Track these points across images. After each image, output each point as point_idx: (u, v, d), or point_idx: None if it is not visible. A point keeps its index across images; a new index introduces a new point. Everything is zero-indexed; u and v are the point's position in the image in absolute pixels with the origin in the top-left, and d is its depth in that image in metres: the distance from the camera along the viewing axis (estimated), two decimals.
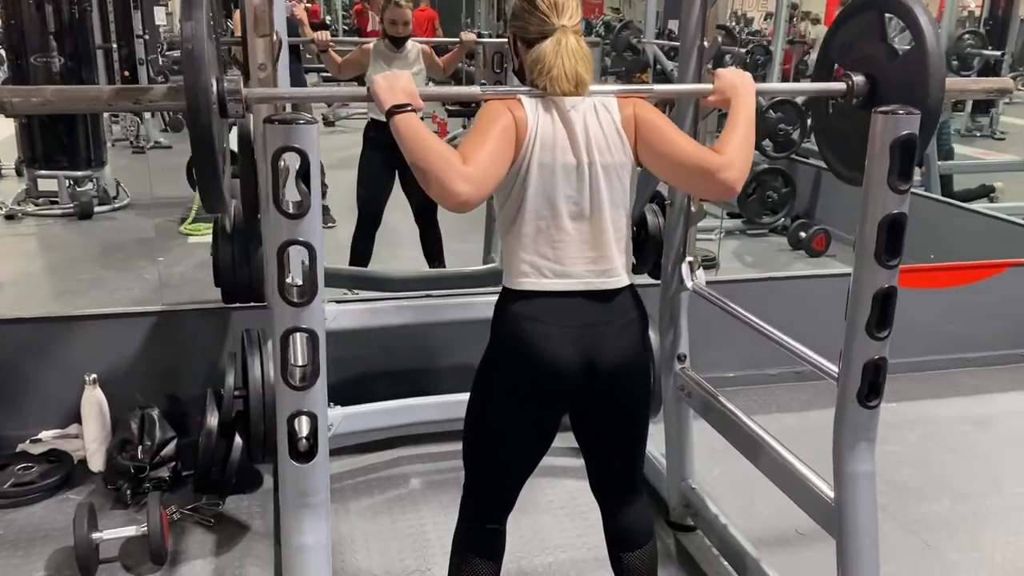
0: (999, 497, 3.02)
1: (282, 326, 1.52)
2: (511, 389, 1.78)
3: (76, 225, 5.96)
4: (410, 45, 4.14)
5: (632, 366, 1.80)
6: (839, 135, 2.09)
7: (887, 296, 1.75)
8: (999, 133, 10.52)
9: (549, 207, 1.71)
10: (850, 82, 1.94)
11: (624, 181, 1.76)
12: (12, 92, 1.59)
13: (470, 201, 1.56)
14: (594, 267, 1.76)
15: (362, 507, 2.80)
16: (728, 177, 1.69)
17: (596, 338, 1.74)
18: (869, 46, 1.95)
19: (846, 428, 1.87)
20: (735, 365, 3.69)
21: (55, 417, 3.03)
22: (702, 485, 2.68)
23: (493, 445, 1.85)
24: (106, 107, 1.64)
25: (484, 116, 1.68)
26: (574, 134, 1.70)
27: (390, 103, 1.59)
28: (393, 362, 3.28)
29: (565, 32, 1.70)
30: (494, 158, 1.62)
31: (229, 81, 1.56)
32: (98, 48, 6.52)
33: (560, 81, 1.68)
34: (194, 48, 1.46)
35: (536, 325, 1.73)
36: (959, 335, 4.01)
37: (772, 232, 6.16)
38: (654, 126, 1.74)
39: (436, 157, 1.54)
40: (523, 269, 1.75)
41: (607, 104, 1.74)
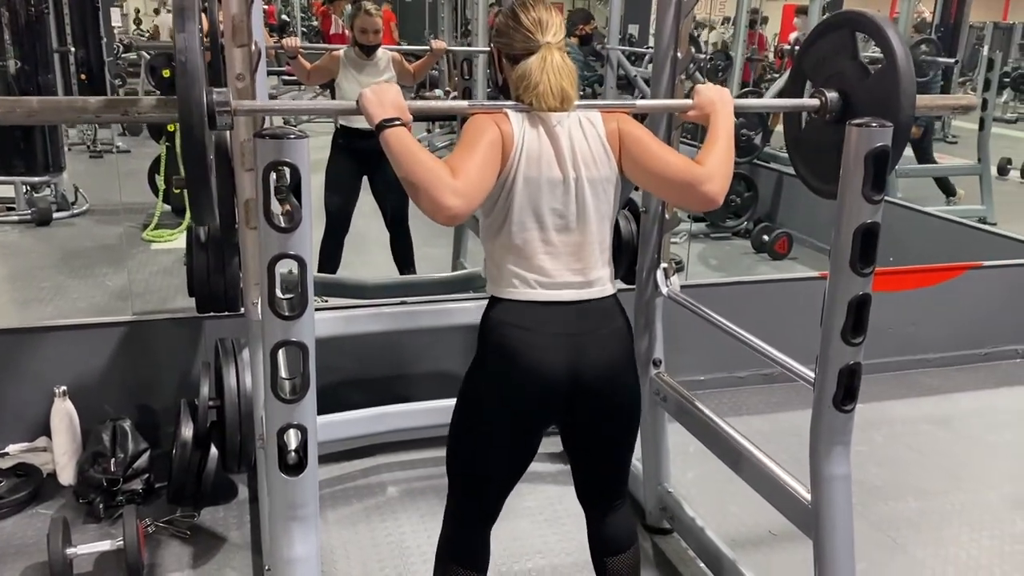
0: (961, 494, 3.11)
1: (272, 339, 1.52)
2: (498, 398, 1.78)
3: (34, 232, 5.84)
4: (380, 53, 4.14)
5: (619, 374, 1.82)
6: (812, 149, 2.14)
7: (862, 303, 1.80)
8: (951, 137, 10.80)
9: (535, 219, 1.73)
10: (824, 98, 1.99)
11: (609, 194, 1.79)
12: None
13: (460, 215, 1.58)
14: (580, 278, 1.78)
15: (340, 516, 2.80)
16: (710, 189, 1.74)
17: (583, 346, 1.76)
18: (842, 63, 2.00)
19: (822, 432, 1.92)
20: (704, 368, 3.74)
21: (22, 430, 2.97)
22: (677, 488, 2.73)
23: (478, 455, 1.86)
24: (94, 118, 1.61)
25: (471, 129, 1.69)
26: (560, 148, 1.72)
27: (380, 117, 1.59)
28: (368, 370, 3.28)
29: (550, 48, 1.72)
30: (482, 171, 1.64)
31: (219, 93, 1.55)
32: (55, 51, 6.41)
33: (546, 97, 1.70)
34: (188, 61, 1.46)
35: (523, 333, 1.74)
36: (919, 337, 4.11)
37: (735, 235, 6.27)
38: (639, 140, 1.78)
39: (427, 172, 1.55)
40: (509, 279, 1.76)
41: (592, 118, 1.77)
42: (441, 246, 4.52)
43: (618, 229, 3.01)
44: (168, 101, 1.56)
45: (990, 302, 4.24)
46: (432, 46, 4.22)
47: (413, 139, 1.59)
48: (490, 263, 1.82)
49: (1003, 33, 14.19)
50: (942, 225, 5.22)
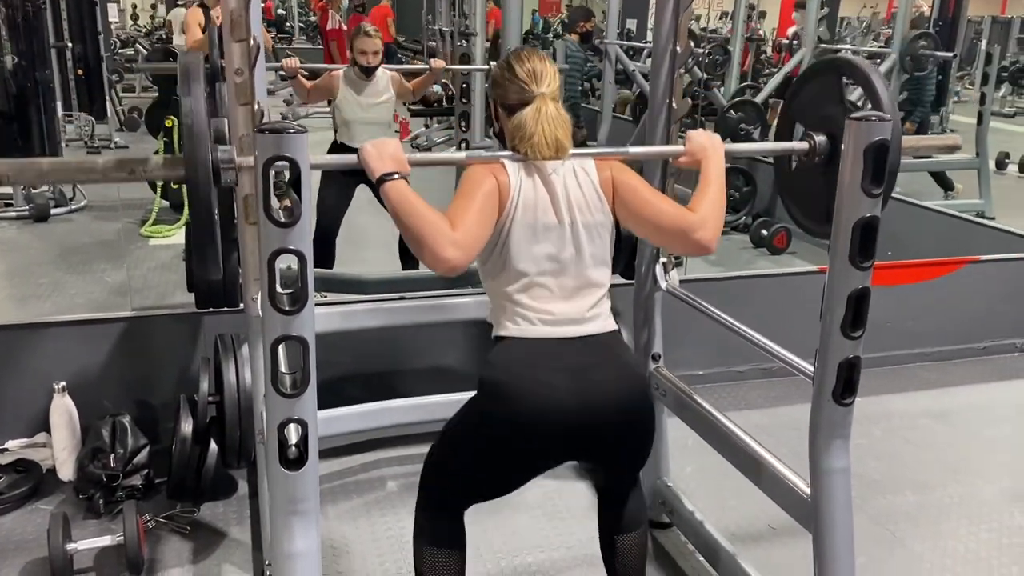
0: (959, 488, 3.12)
1: (272, 334, 1.52)
2: (499, 443, 1.76)
3: (32, 228, 5.83)
4: (380, 73, 4.12)
5: (631, 402, 1.80)
6: (803, 191, 2.19)
7: (861, 297, 1.80)
8: (949, 131, 10.79)
9: (533, 264, 1.77)
10: (812, 142, 2.02)
11: (605, 239, 1.83)
12: (9, 166, 1.61)
13: (459, 266, 1.62)
14: (580, 315, 1.80)
15: (340, 511, 2.80)
16: (703, 236, 1.79)
17: (590, 379, 1.74)
18: (829, 107, 2.04)
19: (822, 425, 1.92)
20: (703, 363, 3.75)
21: (22, 426, 2.98)
22: (676, 482, 2.73)
23: (464, 482, 1.88)
24: (102, 178, 1.66)
25: (469, 180, 1.73)
26: (555, 196, 1.76)
27: (379, 172, 1.64)
28: (367, 365, 3.28)
29: (544, 99, 1.77)
30: (480, 222, 1.69)
31: (223, 151, 1.62)
32: (52, 47, 6.39)
33: (541, 147, 1.74)
34: (194, 124, 1.55)
35: (528, 370, 1.74)
36: (918, 331, 4.12)
37: (734, 230, 6.26)
38: (632, 188, 1.83)
39: (427, 224, 1.60)
40: (511, 319, 1.79)
41: (586, 167, 1.81)
42: None
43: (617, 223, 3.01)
44: (175, 160, 1.62)
45: (989, 296, 4.24)
46: (431, 65, 4.23)
47: (413, 192, 1.64)
48: (493, 305, 1.86)
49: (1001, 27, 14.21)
50: (940, 219, 5.23)
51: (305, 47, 14.96)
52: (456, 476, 1.88)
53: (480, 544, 2.59)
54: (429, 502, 1.94)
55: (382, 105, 4.14)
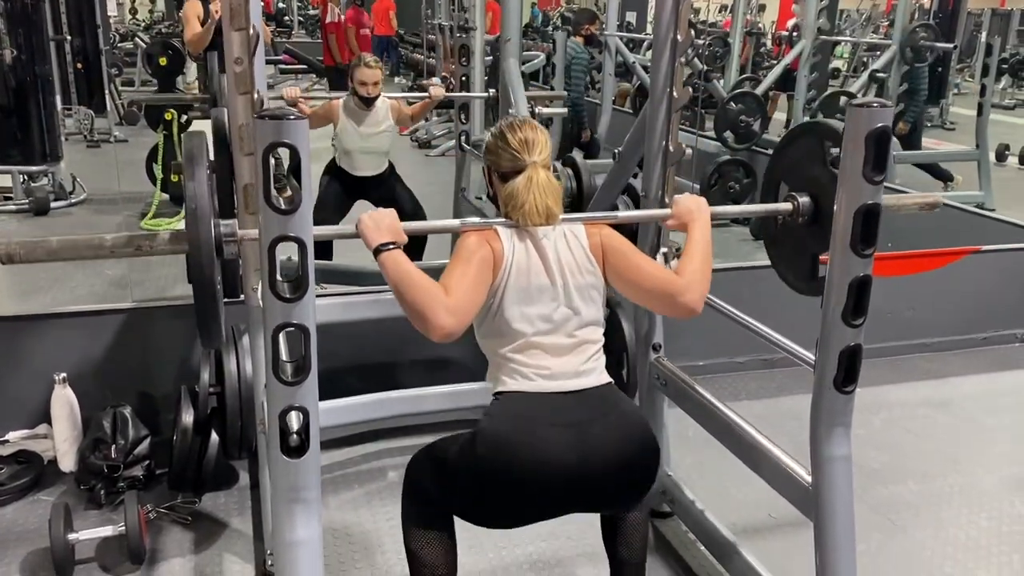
0: (959, 477, 3.12)
1: (273, 322, 1.52)
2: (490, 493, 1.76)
3: (32, 221, 5.83)
4: (379, 103, 4.10)
5: (637, 454, 1.80)
6: (788, 249, 2.22)
7: (862, 284, 1.80)
8: (949, 123, 10.78)
9: (527, 326, 1.81)
10: (796, 203, 2.06)
11: (596, 300, 1.87)
12: (19, 245, 1.68)
13: (454, 333, 1.66)
14: (575, 370, 1.83)
15: (341, 501, 2.80)
16: (689, 300, 1.84)
17: (589, 435, 1.75)
18: (813, 169, 2.07)
19: (823, 413, 1.92)
20: (703, 354, 3.75)
21: (23, 418, 2.98)
22: (677, 472, 2.73)
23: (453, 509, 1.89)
24: (110, 254, 1.76)
25: (464, 248, 1.79)
26: (547, 259, 1.82)
27: (376, 242, 1.71)
28: (367, 356, 3.28)
29: (535, 168, 1.83)
30: (475, 289, 1.74)
31: (226, 225, 1.69)
32: (51, 40, 6.38)
33: (532, 215, 1.81)
34: (198, 207, 1.63)
35: (525, 423, 1.75)
36: (918, 321, 4.12)
37: (734, 222, 6.25)
38: (621, 253, 1.88)
39: (422, 293, 1.64)
40: (508, 376, 1.83)
41: (575, 231, 1.87)
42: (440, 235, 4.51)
43: None
44: (179, 235, 1.70)
45: (989, 287, 4.24)
46: (430, 92, 4.22)
47: (409, 262, 1.69)
48: (490, 367, 1.89)
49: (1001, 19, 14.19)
50: (940, 210, 5.16)
51: (305, 41, 14.94)
52: (444, 501, 1.89)
53: (480, 534, 2.58)
54: (416, 499, 1.95)
55: (382, 134, 4.15)
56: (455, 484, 1.82)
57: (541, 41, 11.74)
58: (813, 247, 2.10)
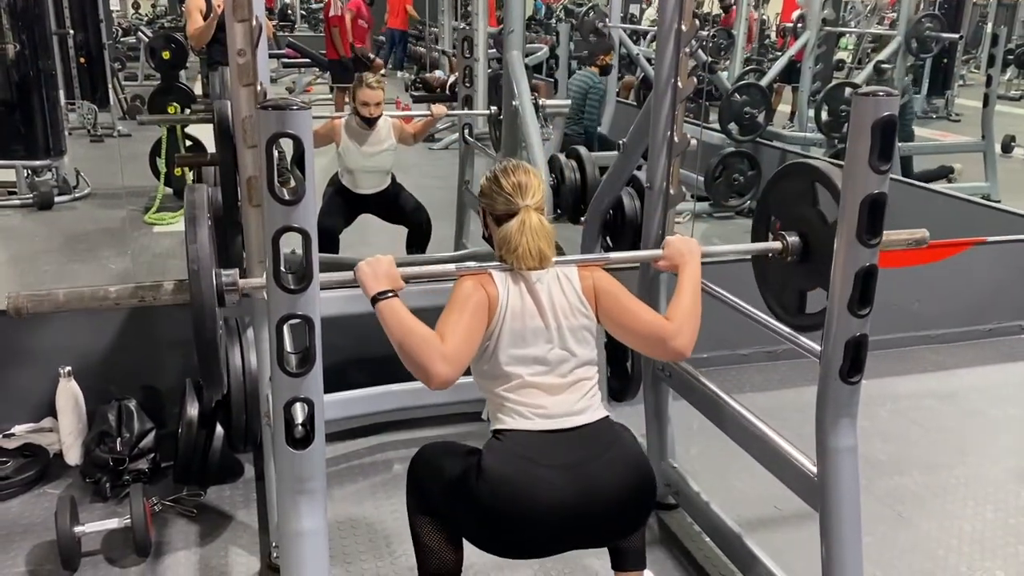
0: (965, 469, 3.11)
1: (278, 313, 1.52)
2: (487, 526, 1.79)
3: (36, 216, 5.83)
4: (381, 122, 4.09)
5: (636, 492, 1.83)
6: (778, 285, 2.26)
7: (868, 274, 1.80)
8: (954, 115, 10.74)
9: (522, 368, 1.83)
10: (785, 242, 2.12)
11: (590, 341, 1.90)
12: (27, 298, 1.74)
13: (450, 380, 1.69)
14: (572, 408, 1.85)
15: (346, 493, 2.80)
16: (678, 344, 1.89)
17: (589, 476, 1.77)
18: (802, 209, 2.12)
19: (829, 404, 1.92)
20: (707, 346, 3.71)
21: (28, 411, 2.99)
22: (682, 464, 2.73)
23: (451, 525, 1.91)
24: (114, 305, 1.83)
25: (459, 294, 1.81)
26: (540, 302, 1.85)
27: (374, 291, 1.72)
28: (371, 349, 3.26)
29: (528, 212, 1.87)
30: (470, 335, 1.76)
31: (227, 275, 1.74)
32: (54, 35, 6.37)
33: (525, 258, 1.85)
34: (200, 268, 1.70)
35: (524, 463, 1.76)
36: (923, 313, 4.11)
37: (738, 214, 6.24)
38: (613, 296, 1.92)
39: (419, 341, 1.67)
40: (507, 415, 1.84)
41: (568, 275, 1.91)
42: (443, 228, 4.52)
43: (621, 205, 3.00)
44: (182, 286, 1.77)
45: (994, 278, 4.23)
46: (432, 111, 4.21)
47: (406, 311, 1.71)
48: (489, 407, 1.91)
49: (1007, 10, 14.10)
50: (946, 202, 5.20)
51: (307, 35, 14.92)
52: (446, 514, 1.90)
53: None
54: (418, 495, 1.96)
55: (384, 153, 4.14)
56: (456, 508, 1.84)
57: (544, 33, 11.71)
58: (801, 284, 2.16)
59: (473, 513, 1.79)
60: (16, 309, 1.73)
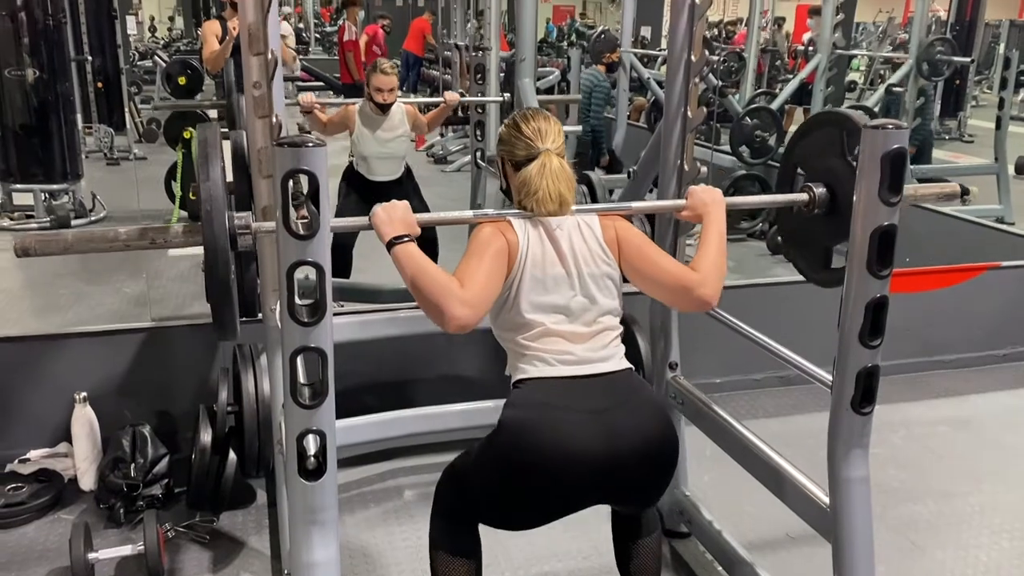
0: (980, 497, 3.09)
1: (291, 346, 1.53)
2: (519, 485, 1.75)
3: None
4: (395, 108, 4.13)
5: (660, 443, 1.80)
6: (803, 240, 2.21)
7: (879, 305, 1.80)
8: (967, 136, 10.72)
9: (544, 316, 1.81)
10: (812, 193, 2.05)
11: (612, 289, 1.87)
12: (35, 239, 1.70)
13: (469, 324, 1.65)
14: (595, 354, 1.82)
15: (358, 520, 2.81)
16: (704, 293, 1.84)
17: (615, 423, 1.74)
18: (830, 160, 2.06)
19: (840, 435, 1.92)
20: (721, 372, 3.73)
21: (43, 436, 3.00)
22: (694, 492, 2.72)
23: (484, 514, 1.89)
24: (124, 248, 1.75)
25: (478, 240, 1.78)
26: (561, 250, 1.82)
27: (389, 235, 1.70)
28: (384, 374, 3.29)
29: (548, 155, 1.84)
30: (489, 280, 1.73)
31: (239, 218, 1.70)
32: (73, 60, 6.47)
33: (545, 202, 1.81)
34: (213, 209, 1.66)
35: (549, 411, 1.73)
36: (937, 338, 4.09)
37: (751, 237, 6.25)
38: (636, 247, 1.88)
39: (435, 285, 1.64)
40: (528, 363, 1.81)
41: (589, 222, 1.87)
42: (454, 250, 4.53)
43: None
44: (195, 228, 1.71)
45: (1009, 303, 4.21)
46: (445, 98, 4.26)
47: (422, 255, 1.69)
48: (509, 356, 1.88)
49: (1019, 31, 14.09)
50: (960, 225, 5.18)
51: (321, 58, 15.07)
52: (474, 506, 1.88)
53: (497, 553, 2.59)
54: (445, 515, 1.96)
55: (398, 139, 4.18)
56: (480, 479, 1.81)
57: (556, 56, 11.78)
58: (828, 238, 2.08)
59: (497, 474, 1.75)
60: (24, 249, 1.68)
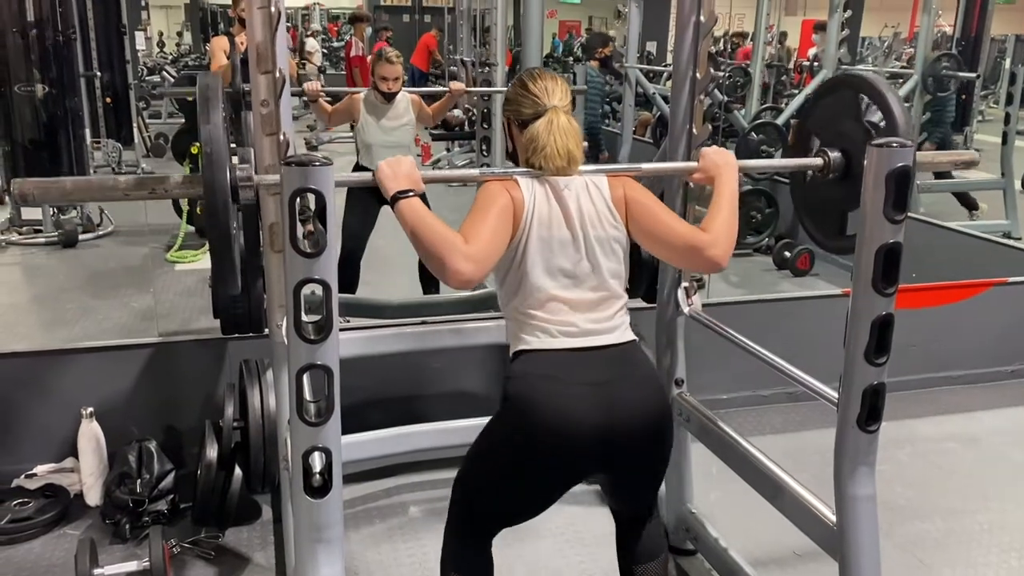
0: (989, 514, 3.07)
1: (297, 363, 1.54)
2: (524, 460, 1.76)
3: (61, 254, 5.93)
4: (400, 96, 4.17)
5: (656, 418, 1.80)
6: (817, 205, 2.20)
7: (885, 323, 1.80)
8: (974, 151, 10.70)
9: (549, 279, 1.78)
10: (827, 158, 2.04)
11: (619, 253, 1.84)
12: (34, 184, 1.66)
13: (472, 279, 1.64)
14: (598, 326, 1.80)
15: (363, 536, 2.80)
16: (715, 254, 1.81)
17: (614, 396, 1.74)
18: (845, 124, 2.05)
19: (846, 453, 1.91)
20: (728, 388, 3.72)
21: (50, 451, 3.01)
22: (701, 509, 2.71)
23: (492, 500, 1.88)
24: (123, 196, 1.71)
25: (483, 197, 1.76)
26: (568, 210, 1.79)
27: (394, 189, 1.69)
28: (390, 389, 3.29)
29: (556, 112, 1.82)
30: (494, 237, 1.70)
31: (241, 169, 1.66)
32: (82, 76, 6.52)
33: (553, 158, 1.78)
34: (213, 151, 1.59)
35: (551, 384, 1.73)
36: (944, 354, 4.07)
37: (757, 252, 6.24)
38: (644, 207, 1.85)
39: (439, 239, 1.62)
40: (530, 334, 1.79)
41: (598, 183, 1.84)
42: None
43: (638, 247, 3.02)
44: (194, 179, 1.66)
45: (1016, 319, 4.19)
46: (450, 88, 4.28)
47: (426, 209, 1.67)
48: (510, 326, 1.86)
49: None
50: (966, 241, 5.17)
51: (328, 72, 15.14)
52: (484, 493, 1.87)
53: (503, 570, 2.57)
54: (458, 526, 1.94)
55: (403, 128, 4.19)
56: (493, 462, 1.81)
57: (562, 71, 11.83)
58: (842, 204, 2.06)
59: (507, 446, 1.76)
60: (22, 195, 1.64)
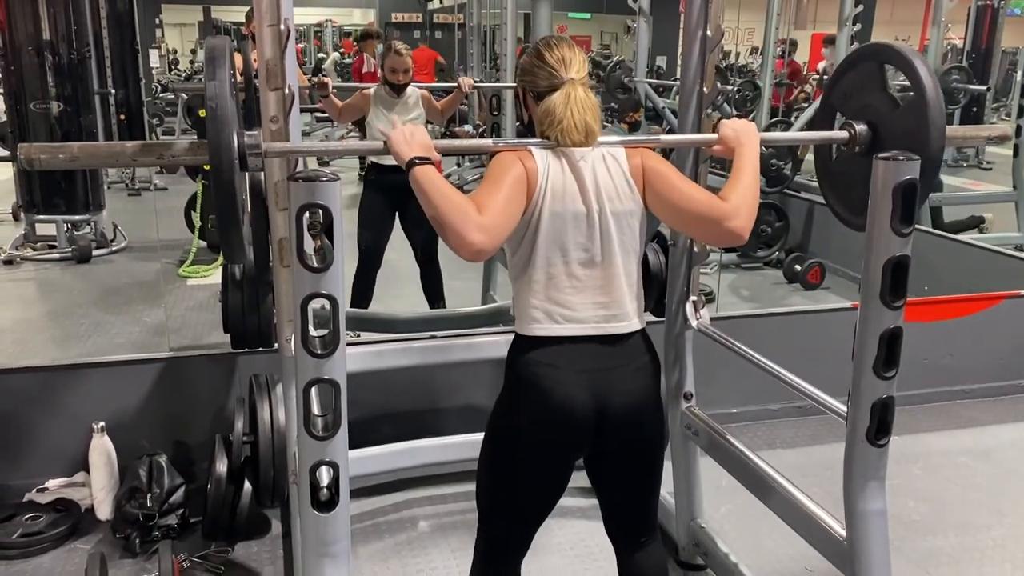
0: (1003, 530, 3.04)
1: (305, 377, 1.54)
2: (525, 435, 1.79)
3: (74, 269, 5.97)
4: (410, 91, 4.21)
5: (645, 410, 1.82)
6: (842, 181, 2.15)
7: (893, 336, 1.79)
8: (985, 163, 10.66)
9: (560, 254, 1.75)
10: (853, 131, 1.99)
11: (634, 228, 1.80)
12: (40, 149, 1.64)
13: (485, 250, 1.60)
14: (605, 311, 1.78)
15: (371, 551, 2.80)
16: (735, 225, 1.74)
17: (608, 382, 1.77)
18: (870, 96, 2.00)
19: (856, 467, 1.90)
20: (737, 401, 3.71)
21: (61, 465, 3.02)
22: (710, 523, 2.70)
23: (507, 490, 1.87)
24: (130, 162, 1.70)
25: (496, 167, 1.72)
26: (584, 183, 1.74)
27: (408, 156, 1.63)
28: (398, 403, 3.30)
29: (574, 84, 1.76)
30: (507, 208, 1.66)
31: (250, 136, 1.61)
32: (96, 93, 6.59)
33: (570, 132, 1.73)
34: (218, 107, 1.53)
35: (549, 370, 1.75)
36: (956, 367, 4.05)
37: (767, 265, 6.23)
38: (662, 175, 1.79)
39: (454, 208, 1.58)
40: (535, 315, 1.78)
41: (615, 154, 1.78)
42: (470, 279, 4.55)
43: (647, 262, 3.01)
44: (200, 144, 1.61)
45: None
46: (459, 83, 4.28)
47: (441, 177, 1.63)
48: (517, 300, 1.84)
49: None
50: (978, 253, 5.14)
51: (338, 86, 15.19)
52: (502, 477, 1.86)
53: None
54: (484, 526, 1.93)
55: (412, 122, 4.20)
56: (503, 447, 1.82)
57: None
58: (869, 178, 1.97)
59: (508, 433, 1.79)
60: (28, 159, 1.62)
